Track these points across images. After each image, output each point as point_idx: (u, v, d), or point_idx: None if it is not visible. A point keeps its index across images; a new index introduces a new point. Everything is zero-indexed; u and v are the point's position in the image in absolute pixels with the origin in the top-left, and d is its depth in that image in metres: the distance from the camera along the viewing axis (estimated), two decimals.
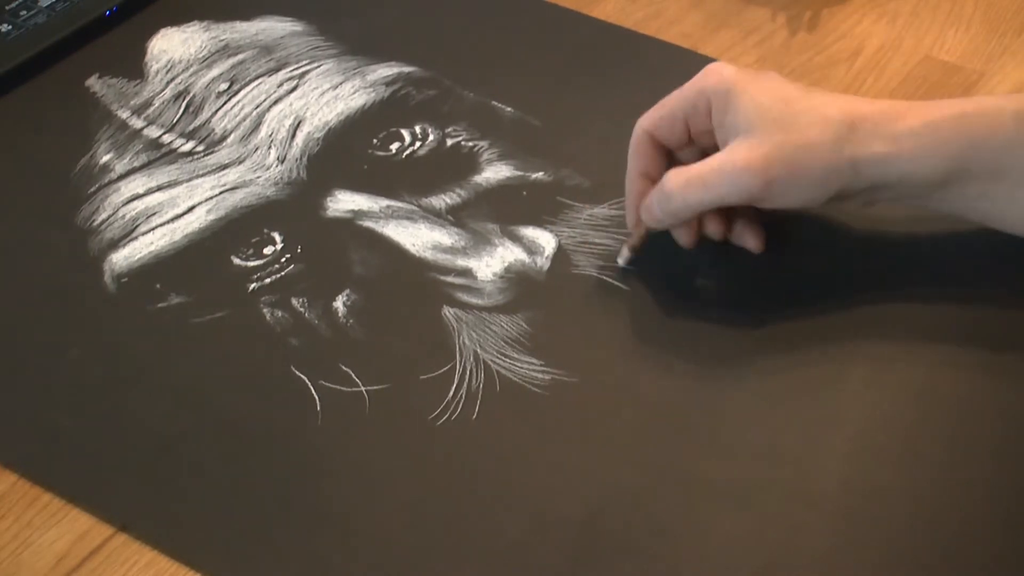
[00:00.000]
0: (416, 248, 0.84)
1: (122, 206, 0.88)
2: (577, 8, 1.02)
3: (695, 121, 0.79)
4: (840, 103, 0.76)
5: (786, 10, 1.01)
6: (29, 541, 0.71)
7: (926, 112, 0.75)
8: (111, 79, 0.98)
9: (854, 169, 0.75)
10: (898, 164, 0.75)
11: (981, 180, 0.75)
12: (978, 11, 1.01)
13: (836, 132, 0.75)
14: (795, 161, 0.75)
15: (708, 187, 0.76)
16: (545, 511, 0.70)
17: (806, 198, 0.77)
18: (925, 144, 0.75)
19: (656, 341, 0.79)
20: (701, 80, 0.79)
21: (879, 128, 0.75)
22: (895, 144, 0.75)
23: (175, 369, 0.78)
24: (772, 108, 0.76)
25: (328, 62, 0.98)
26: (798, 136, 0.75)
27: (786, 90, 0.77)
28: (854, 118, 0.75)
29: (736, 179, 0.75)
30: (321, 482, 0.72)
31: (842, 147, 0.75)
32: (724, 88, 0.77)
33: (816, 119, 0.75)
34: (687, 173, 0.77)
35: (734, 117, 0.76)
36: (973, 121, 0.75)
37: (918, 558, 0.68)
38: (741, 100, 0.76)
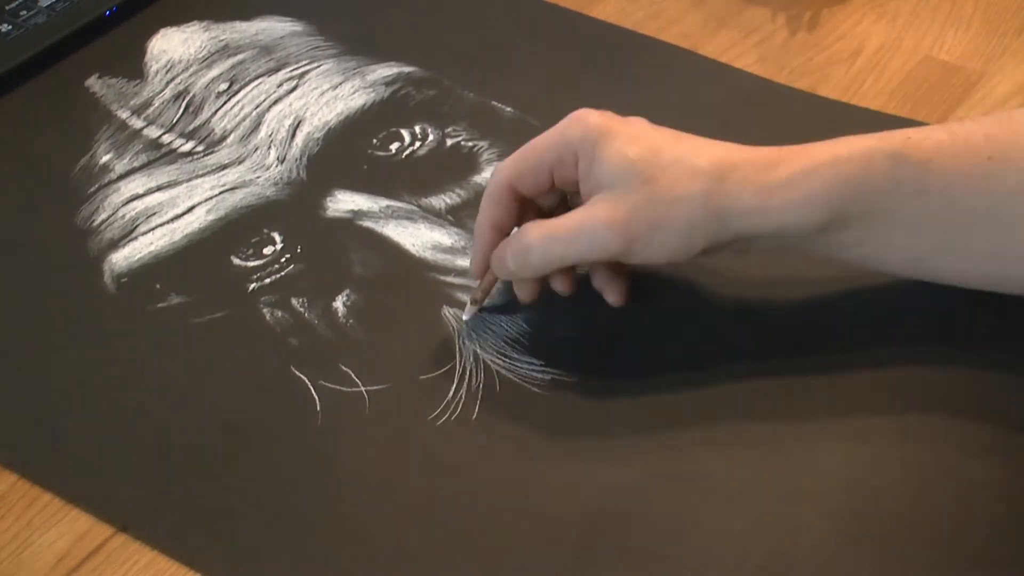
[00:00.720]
0: (416, 248, 0.84)
1: (122, 206, 0.88)
2: (577, 8, 1.02)
3: (560, 171, 0.76)
4: (710, 152, 0.73)
5: (786, 10, 1.01)
6: (29, 541, 0.71)
7: (798, 160, 0.72)
8: (111, 79, 0.98)
9: (721, 222, 0.72)
10: (769, 216, 0.72)
11: (858, 226, 0.72)
12: (978, 11, 1.01)
13: (704, 184, 0.72)
14: (658, 217, 0.72)
15: (569, 244, 0.74)
16: (545, 511, 0.70)
17: (671, 252, 0.73)
18: (798, 194, 0.71)
19: (656, 340, 0.79)
20: (568, 128, 0.75)
21: (749, 179, 0.72)
22: (766, 195, 0.72)
23: (175, 369, 0.78)
24: (639, 160, 0.72)
25: (328, 62, 0.98)
26: (663, 190, 0.72)
27: (654, 139, 0.74)
28: (723, 169, 0.72)
29: (597, 237, 0.73)
30: (321, 482, 0.72)
31: (710, 199, 0.72)
32: (591, 139, 0.74)
33: (683, 171, 0.72)
34: (548, 228, 0.74)
35: (599, 169, 0.73)
36: (844, 168, 0.71)
37: (917, 558, 0.68)
38: (607, 152, 0.73)
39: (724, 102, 0.94)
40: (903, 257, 0.74)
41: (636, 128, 0.75)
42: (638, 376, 0.77)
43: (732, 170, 0.72)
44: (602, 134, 0.74)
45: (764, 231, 0.73)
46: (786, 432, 0.73)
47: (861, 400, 0.75)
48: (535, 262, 0.75)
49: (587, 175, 0.74)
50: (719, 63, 0.97)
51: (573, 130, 0.75)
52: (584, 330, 0.79)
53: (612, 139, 0.73)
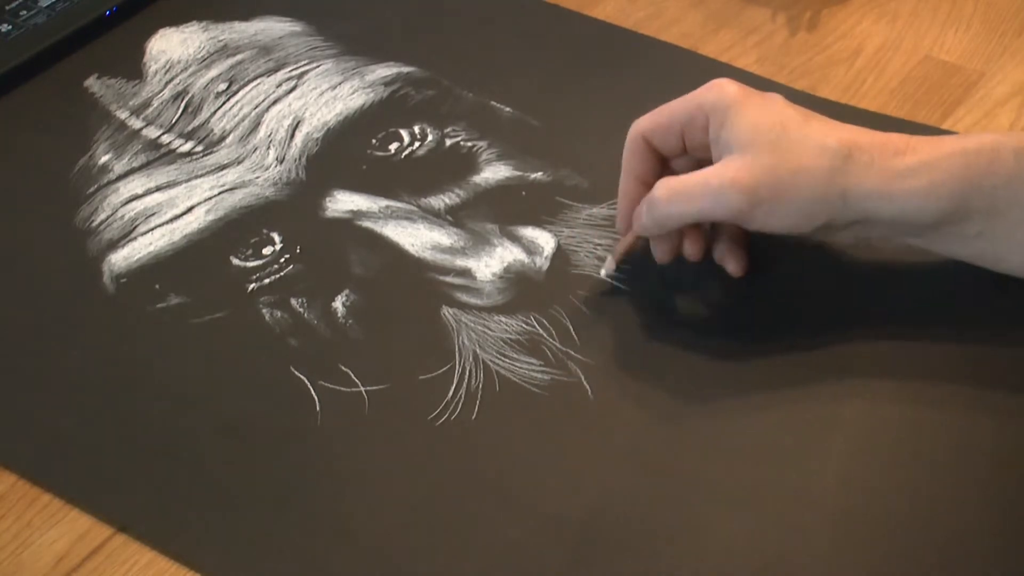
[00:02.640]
0: (415, 248, 0.84)
1: (121, 207, 0.88)
2: (577, 8, 1.02)
3: (691, 133, 0.78)
4: (839, 132, 0.75)
5: (786, 10, 1.01)
6: (29, 541, 0.71)
7: (926, 150, 0.73)
8: (110, 79, 0.97)
9: (844, 200, 0.73)
10: (892, 201, 0.73)
11: (979, 219, 0.73)
12: (978, 11, 1.01)
13: (830, 161, 0.73)
14: (784, 184, 0.74)
15: (694, 199, 0.75)
16: (545, 511, 0.70)
17: (792, 223, 0.75)
18: (922, 183, 0.73)
19: (656, 341, 0.79)
20: (703, 93, 0.77)
21: (876, 162, 0.73)
22: (891, 181, 0.73)
23: (174, 370, 0.78)
24: (769, 130, 0.74)
25: (327, 62, 0.98)
26: (791, 160, 0.74)
27: (786, 114, 0.76)
28: (851, 148, 0.74)
29: (722, 195, 0.74)
30: (321, 482, 0.72)
31: (834, 177, 0.73)
32: (724, 104, 0.76)
33: (812, 145, 0.74)
34: (675, 183, 0.76)
35: (729, 134, 0.75)
36: (972, 160, 0.73)
37: (917, 558, 0.68)
38: (739, 118, 0.75)
39: None
40: (1020, 255, 0.75)
41: (770, 102, 0.76)
42: (638, 376, 0.77)
43: (859, 151, 0.73)
44: (735, 100, 0.76)
45: (885, 215, 0.74)
46: (785, 434, 0.73)
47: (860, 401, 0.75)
48: (660, 215, 0.77)
49: (717, 138, 0.76)
50: (719, 63, 0.97)
51: (709, 94, 0.77)
52: (584, 330, 0.79)
53: (745, 106, 0.75)
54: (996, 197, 0.72)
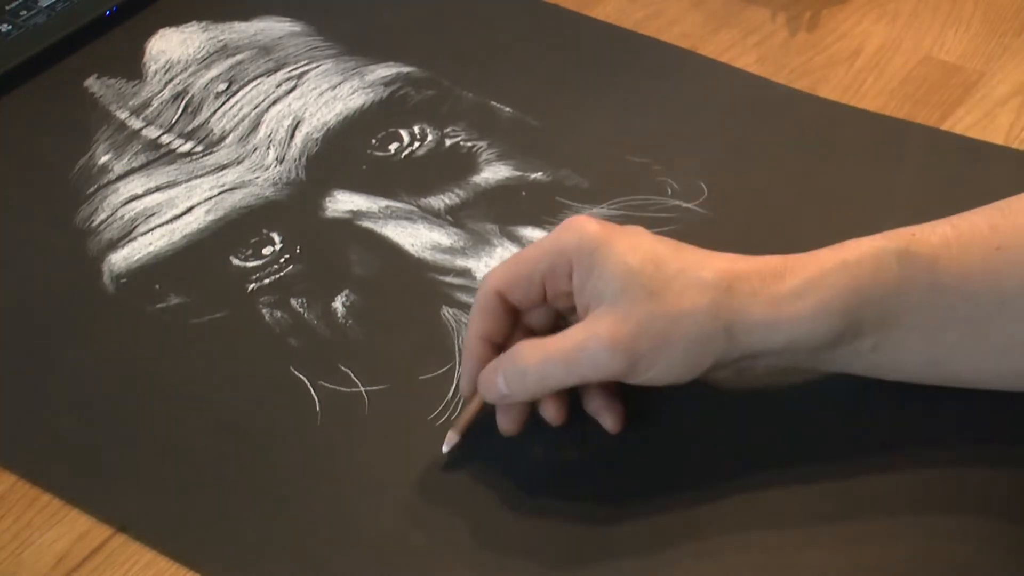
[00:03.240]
0: (415, 248, 0.84)
1: (121, 207, 0.88)
2: (577, 8, 1.02)
3: (553, 282, 0.71)
4: (715, 263, 0.69)
5: (786, 10, 1.01)
6: (29, 541, 0.71)
7: (807, 268, 0.68)
8: (109, 79, 0.97)
9: (730, 338, 0.68)
10: (780, 329, 0.68)
11: (872, 332, 0.69)
12: (978, 11, 1.01)
13: (711, 298, 0.67)
14: (665, 335, 0.67)
15: (570, 365, 0.68)
16: (545, 511, 0.70)
17: (678, 373, 0.69)
18: (810, 305, 0.68)
19: None
20: (562, 236, 0.70)
21: (757, 291, 0.68)
22: (776, 307, 0.68)
23: (174, 370, 0.78)
24: (641, 272, 0.68)
25: (327, 62, 0.98)
26: (669, 304, 0.67)
27: (656, 250, 0.69)
28: (730, 280, 0.68)
29: (599, 357, 0.67)
30: (320, 482, 0.72)
31: (718, 314, 0.67)
32: (588, 248, 0.69)
33: (689, 284, 0.68)
34: (545, 347, 0.69)
35: (598, 282, 0.69)
36: (855, 271, 0.68)
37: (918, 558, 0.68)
38: (607, 263, 0.68)
39: (724, 102, 0.94)
40: (919, 360, 0.71)
41: (635, 237, 0.70)
42: None
43: (738, 281, 0.68)
44: (600, 243, 0.69)
45: (775, 345, 0.69)
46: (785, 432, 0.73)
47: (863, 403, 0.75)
48: (531, 385, 0.70)
49: (583, 287, 0.70)
50: (719, 63, 0.97)
51: (568, 238, 0.70)
52: None
53: (611, 248, 0.69)
54: (886, 306, 0.68)
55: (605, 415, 0.73)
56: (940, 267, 0.68)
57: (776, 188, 0.87)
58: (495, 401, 0.72)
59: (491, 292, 0.72)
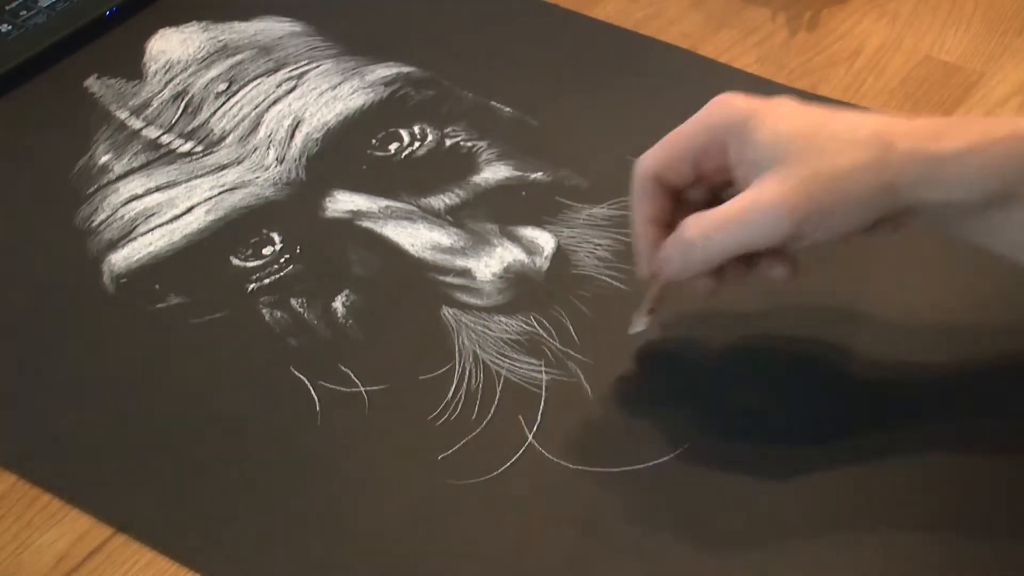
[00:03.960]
0: (415, 248, 0.84)
1: (121, 207, 0.88)
2: (577, 8, 1.02)
3: (707, 160, 0.72)
4: (871, 123, 0.69)
5: (786, 10, 1.01)
6: (29, 541, 0.71)
7: (966, 132, 0.68)
8: (109, 79, 0.97)
9: (892, 192, 0.68)
10: (940, 186, 0.68)
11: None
12: (978, 11, 1.01)
13: (872, 155, 0.67)
14: (830, 193, 0.67)
15: (737, 231, 0.69)
16: (545, 511, 0.70)
17: (842, 231, 0.69)
18: (970, 166, 0.67)
19: (655, 340, 0.78)
20: (711, 114, 0.72)
21: (918, 149, 0.67)
22: (937, 166, 0.67)
23: (174, 370, 0.78)
24: (797, 136, 0.68)
25: (327, 62, 0.98)
26: (830, 164, 0.67)
27: (809, 114, 0.70)
28: (889, 138, 0.68)
29: (767, 219, 0.68)
30: (321, 482, 0.72)
31: (879, 171, 0.67)
32: (739, 121, 0.70)
33: (847, 143, 0.68)
34: (711, 218, 0.70)
35: (755, 152, 0.69)
36: (1018, 143, 0.67)
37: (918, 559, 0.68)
38: (760, 132, 0.69)
39: None
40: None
41: (785, 106, 0.71)
42: (638, 376, 0.77)
43: (898, 138, 0.68)
44: (750, 115, 0.70)
45: (931, 202, 0.68)
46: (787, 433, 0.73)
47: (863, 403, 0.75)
48: (699, 258, 0.71)
49: (740, 159, 0.70)
50: (719, 63, 0.97)
51: (718, 115, 0.71)
52: (584, 330, 0.79)
53: (762, 119, 0.69)
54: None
55: (778, 266, 0.73)
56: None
57: None
58: (673, 278, 0.72)
59: (648, 175, 0.73)
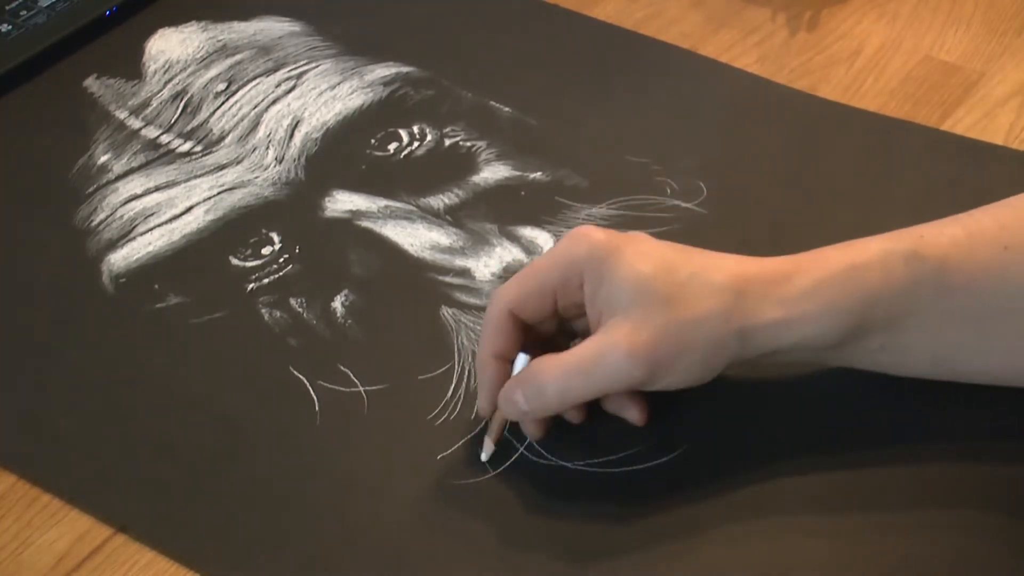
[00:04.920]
0: (414, 248, 0.84)
1: (120, 206, 0.88)
2: (577, 8, 1.02)
3: (565, 294, 0.71)
4: (725, 266, 0.69)
5: (786, 10, 1.01)
6: (29, 541, 0.71)
7: (815, 269, 0.69)
8: (109, 79, 0.97)
9: (743, 340, 0.69)
10: (791, 329, 0.69)
11: (880, 332, 0.69)
12: (978, 11, 1.01)
13: (724, 302, 0.68)
14: (682, 341, 0.68)
15: (589, 377, 0.69)
16: (544, 511, 0.70)
17: (694, 377, 0.70)
18: (819, 305, 0.68)
19: None
20: (571, 248, 0.71)
21: (769, 292, 0.69)
22: (786, 308, 0.68)
23: (174, 369, 0.78)
24: (654, 279, 0.68)
25: (326, 62, 0.98)
26: (684, 311, 0.68)
27: (666, 255, 0.69)
28: (742, 283, 0.69)
29: (617, 369, 0.68)
30: (320, 482, 0.72)
31: (730, 318, 0.68)
32: (598, 257, 0.69)
33: (702, 289, 0.68)
34: (563, 363, 0.69)
35: (609, 291, 0.69)
36: (865, 273, 0.69)
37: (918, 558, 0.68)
38: (618, 272, 0.69)
39: (724, 102, 0.94)
40: (926, 359, 0.71)
41: (643, 244, 0.70)
42: None
43: (749, 284, 0.69)
44: (609, 251, 0.69)
45: (785, 345, 0.70)
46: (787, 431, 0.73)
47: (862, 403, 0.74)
48: (551, 401, 0.70)
49: (594, 296, 0.70)
50: (719, 63, 0.97)
51: (577, 249, 0.70)
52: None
53: (621, 256, 0.69)
54: (893, 308, 0.69)
55: (630, 409, 0.73)
56: (948, 268, 0.69)
57: (775, 188, 0.87)
58: (517, 419, 0.72)
59: (503, 311, 0.72)
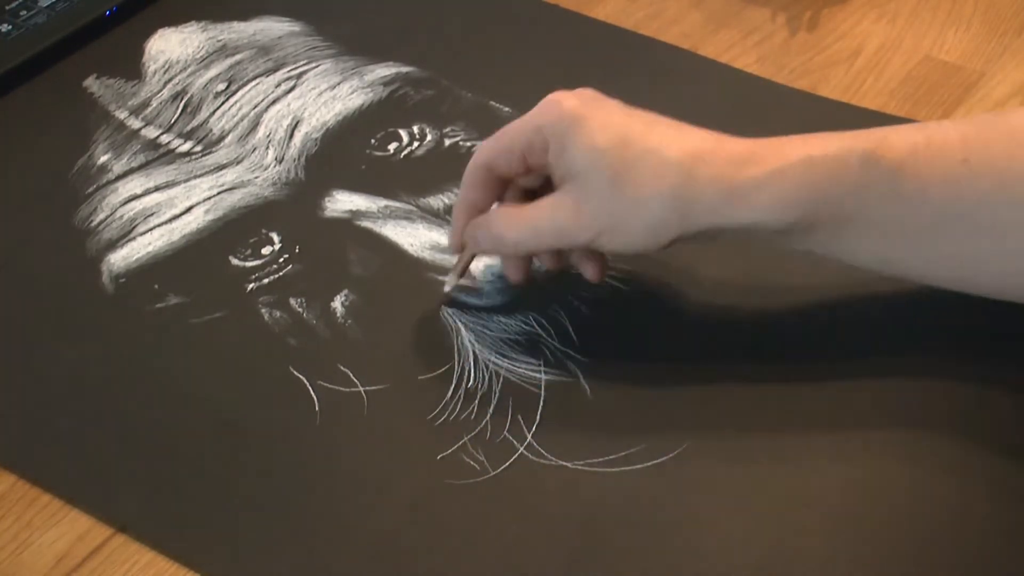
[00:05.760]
0: (414, 248, 0.84)
1: (120, 207, 0.88)
2: (577, 8, 1.02)
3: (532, 156, 0.75)
4: (681, 141, 0.72)
5: (786, 10, 1.01)
6: (29, 541, 0.71)
7: (771, 158, 0.71)
8: (109, 79, 0.97)
9: (688, 218, 0.71)
10: (736, 215, 0.71)
11: (826, 229, 0.71)
12: (978, 11, 1.01)
13: (671, 181, 0.71)
14: (623, 215, 0.72)
15: (539, 234, 0.75)
16: (544, 511, 0.70)
17: (637, 246, 0.73)
18: (766, 196, 0.70)
19: (655, 340, 0.79)
20: (541, 113, 0.75)
21: (719, 175, 0.71)
22: (735, 196, 0.70)
23: (174, 369, 0.78)
24: (606, 153, 0.71)
25: (326, 62, 0.98)
26: (629, 190, 0.71)
27: (626, 127, 0.72)
28: (693, 161, 0.71)
29: (562, 230, 0.73)
30: (320, 482, 0.72)
31: (675, 197, 0.71)
32: (562, 126, 0.73)
33: (652, 166, 0.71)
34: (517, 217, 0.76)
35: (568, 159, 0.73)
36: (817, 169, 0.70)
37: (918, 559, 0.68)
38: (577, 141, 0.72)
39: (724, 102, 0.94)
40: (871, 258, 0.73)
41: (608, 115, 0.73)
42: (637, 376, 0.77)
43: (702, 164, 0.71)
44: (573, 121, 0.73)
45: (729, 227, 0.72)
46: (785, 434, 0.73)
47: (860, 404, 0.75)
48: (508, 249, 0.77)
49: (557, 162, 0.74)
50: (719, 63, 0.97)
51: (545, 116, 0.74)
52: (583, 330, 0.79)
53: (582, 127, 0.73)
54: (842, 205, 0.70)
55: (586, 266, 0.78)
56: (903, 174, 0.70)
57: None
58: (480, 253, 0.79)
59: (478, 165, 0.77)
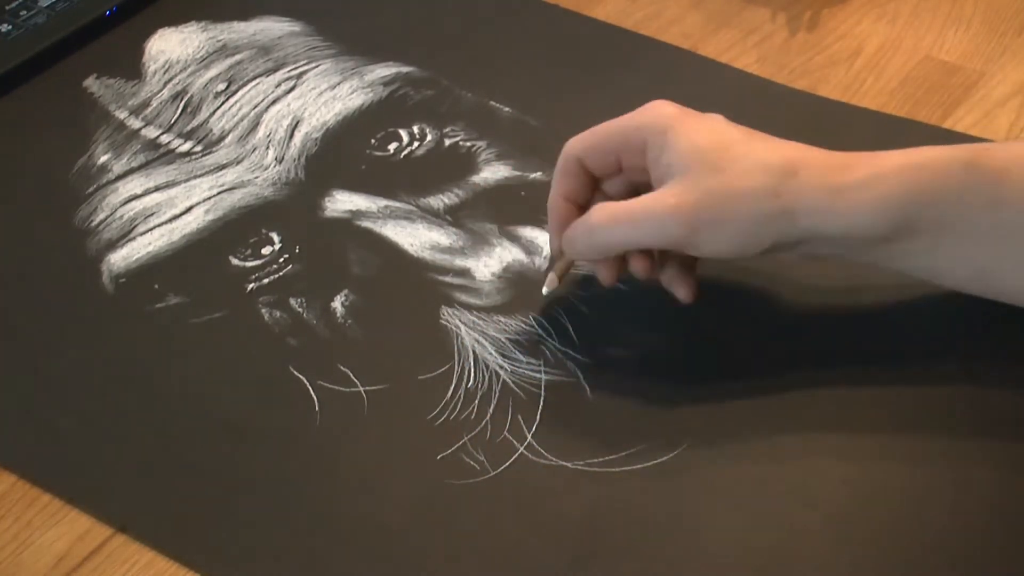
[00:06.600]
0: (414, 248, 0.84)
1: (120, 207, 0.88)
2: (577, 8, 1.02)
3: (627, 155, 0.76)
4: (783, 149, 0.72)
5: (786, 10, 1.01)
6: (29, 541, 0.71)
7: (873, 163, 0.71)
8: (109, 79, 0.97)
9: (789, 219, 0.71)
10: (839, 217, 0.71)
11: (927, 235, 0.71)
12: (978, 11, 1.01)
13: (774, 179, 0.71)
14: (725, 208, 0.71)
15: (634, 226, 0.73)
16: (545, 511, 0.70)
17: (736, 247, 0.73)
18: (870, 198, 0.70)
19: (655, 340, 0.78)
20: (640, 115, 0.75)
21: (823, 178, 0.71)
22: (838, 196, 0.70)
23: (173, 369, 0.78)
24: (709, 151, 0.72)
25: (326, 62, 0.98)
26: (732, 181, 0.71)
27: (728, 133, 0.73)
28: (796, 165, 0.71)
29: (662, 222, 0.72)
30: (320, 482, 0.72)
31: (778, 195, 0.71)
32: (662, 126, 0.73)
33: (754, 164, 0.71)
34: (615, 209, 0.74)
35: (669, 157, 0.73)
36: (922, 174, 0.70)
37: (917, 559, 0.68)
38: (678, 140, 0.73)
39: (724, 102, 0.93)
40: (969, 269, 0.73)
41: (710, 121, 0.74)
42: (637, 376, 0.77)
43: (803, 168, 0.71)
44: (674, 122, 0.74)
45: (832, 232, 0.71)
46: (787, 433, 0.73)
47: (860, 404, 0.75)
48: (599, 243, 0.75)
49: (656, 162, 0.74)
50: (719, 63, 0.97)
51: (646, 116, 0.75)
52: (583, 330, 0.79)
53: (683, 128, 0.73)
54: (945, 211, 0.70)
55: (678, 286, 0.77)
56: (1007, 181, 0.70)
57: None
58: (575, 258, 0.78)
59: (571, 156, 0.77)
